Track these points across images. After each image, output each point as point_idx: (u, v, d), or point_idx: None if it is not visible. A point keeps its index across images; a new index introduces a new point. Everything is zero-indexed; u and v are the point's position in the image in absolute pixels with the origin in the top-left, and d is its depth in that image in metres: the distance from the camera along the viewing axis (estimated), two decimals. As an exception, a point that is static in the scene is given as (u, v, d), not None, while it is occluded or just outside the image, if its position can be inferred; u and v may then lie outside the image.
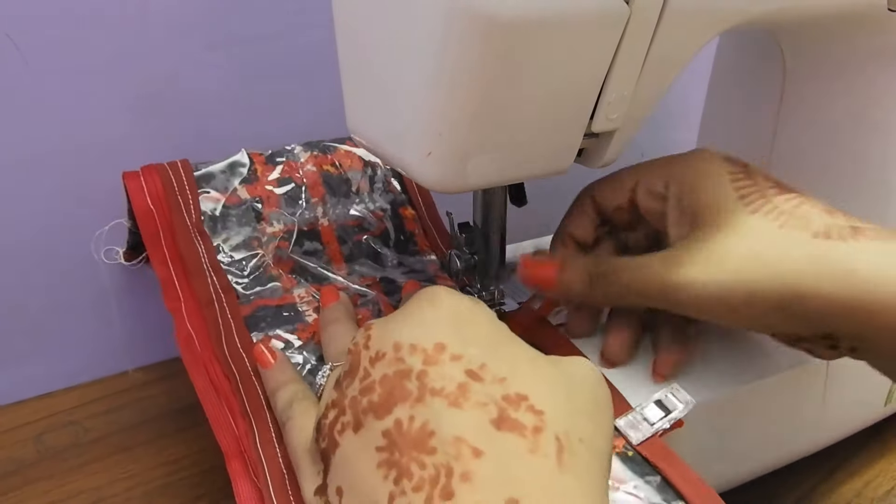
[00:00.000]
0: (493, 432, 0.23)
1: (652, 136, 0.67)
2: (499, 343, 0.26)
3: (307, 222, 0.43)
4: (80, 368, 0.49)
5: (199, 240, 0.40)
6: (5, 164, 0.44)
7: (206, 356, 0.36)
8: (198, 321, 0.38)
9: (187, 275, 0.39)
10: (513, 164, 0.31)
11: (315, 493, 0.27)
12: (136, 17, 0.45)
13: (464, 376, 0.25)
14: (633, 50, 0.29)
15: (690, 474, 0.30)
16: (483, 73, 0.27)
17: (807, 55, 0.44)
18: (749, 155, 0.49)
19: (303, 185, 0.43)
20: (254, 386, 0.34)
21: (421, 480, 0.23)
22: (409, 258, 0.44)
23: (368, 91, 0.32)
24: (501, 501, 0.22)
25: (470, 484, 0.22)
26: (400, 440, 0.24)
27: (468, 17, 0.25)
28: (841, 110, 0.43)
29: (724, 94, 0.51)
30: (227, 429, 0.33)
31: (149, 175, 0.42)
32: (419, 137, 0.29)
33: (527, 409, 0.24)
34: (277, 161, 0.44)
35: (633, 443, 0.32)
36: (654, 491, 0.30)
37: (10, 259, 0.45)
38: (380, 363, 0.26)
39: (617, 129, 0.32)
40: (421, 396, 0.24)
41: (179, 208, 0.41)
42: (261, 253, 0.41)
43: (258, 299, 0.39)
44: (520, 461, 0.23)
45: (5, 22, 0.41)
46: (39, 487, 0.40)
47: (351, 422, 0.26)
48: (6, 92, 0.43)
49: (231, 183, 0.42)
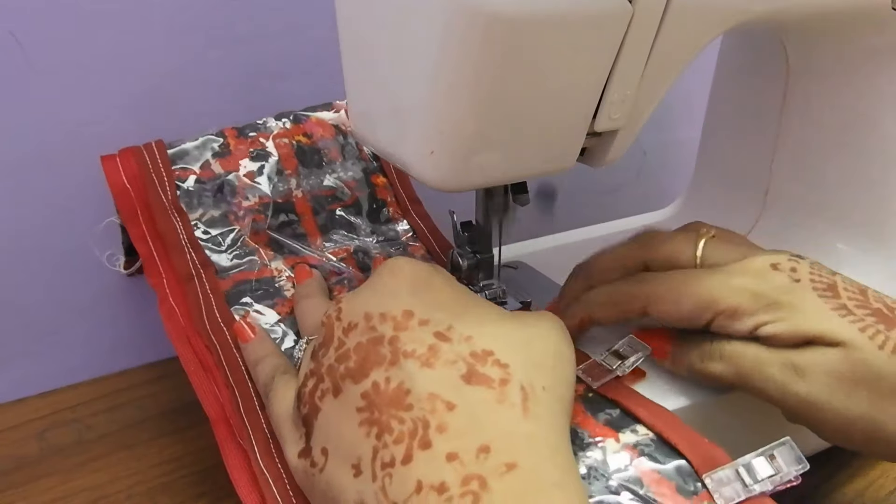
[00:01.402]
0: (463, 387, 0.26)
1: (655, 136, 0.67)
2: (462, 305, 0.29)
3: (281, 195, 0.43)
4: (83, 366, 0.49)
5: (176, 217, 0.41)
6: (8, 160, 0.44)
7: (189, 329, 0.37)
8: (179, 296, 0.39)
9: (167, 251, 0.40)
10: (515, 163, 0.31)
11: (299, 456, 0.29)
12: (139, 15, 0.45)
13: (433, 338, 0.27)
14: (636, 49, 0.29)
15: (648, 402, 0.32)
16: (485, 72, 0.27)
17: (810, 53, 0.43)
18: (752, 153, 0.49)
19: (276, 157, 0.44)
20: (235, 358, 0.36)
21: (401, 434, 0.25)
22: (381, 227, 0.45)
23: (371, 89, 0.32)
24: (474, 448, 0.24)
25: (445, 434, 0.25)
26: (378, 400, 0.26)
27: (471, 15, 0.25)
28: (844, 108, 0.43)
29: (727, 93, 0.51)
30: (211, 396, 0.35)
31: (125, 156, 0.43)
32: (421, 136, 0.29)
33: (493, 363, 0.27)
34: (249, 135, 0.44)
35: (594, 387, 0.34)
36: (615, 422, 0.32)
37: (13, 257, 0.46)
38: (353, 333, 0.28)
39: (620, 129, 0.32)
40: (395, 360, 0.27)
41: (155, 186, 0.41)
42: (237, 228, 0.42)
43: (237, 273, 0.40)
44: (489, 411, 0.25)
45: (9, 19, 0.41)
46: (42, 485, 0.40)
47: (330, 388, 0.28)
48: (10, 89, 0.43)
49: (204, 156, 0.43)
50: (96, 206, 0.46)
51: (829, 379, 0.30)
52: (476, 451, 0.24)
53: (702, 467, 0.29)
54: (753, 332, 0.32)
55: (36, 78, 0.43)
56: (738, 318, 0.32)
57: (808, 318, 0.31)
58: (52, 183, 0.45)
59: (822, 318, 0.31)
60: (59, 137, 0.45)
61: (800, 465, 0.28)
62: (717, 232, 0.36)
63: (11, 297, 0.46)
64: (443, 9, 0.26)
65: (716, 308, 0.32)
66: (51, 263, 0.47)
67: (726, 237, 0.36)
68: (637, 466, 0.30)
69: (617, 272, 0.37)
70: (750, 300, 0.32)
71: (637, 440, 0.31)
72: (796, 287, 0.32)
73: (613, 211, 0.58)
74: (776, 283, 0.32)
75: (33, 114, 0.44)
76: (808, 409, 0.31)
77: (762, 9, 0.33)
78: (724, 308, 0.32)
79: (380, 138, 0.32)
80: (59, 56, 0.43)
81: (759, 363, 0.32)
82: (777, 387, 0.31)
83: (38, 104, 0.44)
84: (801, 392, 0.31)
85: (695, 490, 0.29)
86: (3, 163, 0.44)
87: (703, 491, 0.29)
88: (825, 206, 0.46)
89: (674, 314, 0.34)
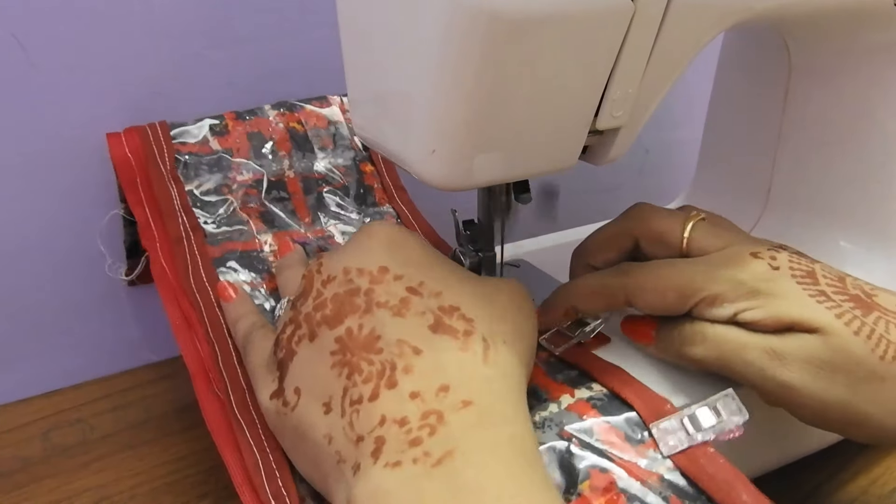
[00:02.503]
0: (430, 335, 0.28)
1: (657, 133, 0.67)
2: (433, 264, 0.31)
3: (274, 173, 0.46)
4: (87, 366, 0.49)
5: (172, 185, 0.43)
6: (11, 162, 0.44)
7: (177, 288, 0.40)
8: (169, 257, 0.41)
9: (162, 216, 0.42)
10: (517, 162, 0.31)
11: (271, 398, 0.31)
12: (140, 16, 0.45)
13: (405, 292, 0.29)
14: (637, 46, 0.29)
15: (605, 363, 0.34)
16: (487, 70, 0.27)
17: (812, 51, 0.43)
18: (754, 151, 0.49)
19: (271, 139, 0.46)
20: (217, 315, 0.38)
21: (370, 374, 0.27)
22: (368, 209, 0.47)
23: (373, 89, 0.32)
24: (435, 387, 0.27)
25: (410, 375, 0.27)
26: (351, 344, 0.28)
27: (472, 14, 0.25)
28: (846, 106, 0.43)
29: (729, 91, 0.50)
30: (192, 352, 0.37)
31: (129, 132, 0.45)
32: (423, 135, 0.29)
33: (459, 317, 0.29)
34: (247, 118, 0.47)
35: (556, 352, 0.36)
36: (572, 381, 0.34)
37: (16, 257, 0.46)
38: (331, 284, 0.30)
39: (622, 127, 0.32)
40: (368, 308, 0.29)
41: (154, 157, 0.44)
42: (231, 199, 0.44)
43: (227, 241, 0.42)
44: (452, 356, 0.28)
45: (10, 21, 0.41)
46: (45, 485, 0.41)
47: (306, 333, 0.30)
48: (12, 91, 0.43)
49: (203, 134, 0.45)
50: (99, 207, 0.46)
51: (808, 365, 0.31)
52: (437, 390, 0.26)
53: (649, 417, 0.31)
54: (733, 318, 0.32)
55: (38, 79, 0.43)
56: (719, 305, 0.33)
57: (787, 305, 0.32)
58: (55, 184, 0.45)
59: (801, 305, 0.31)
60: (61, 138, 0.45)
61: (741, 415, 0.30)
62: (707, 216, 0.37)
63: (14, 297, 0.46)
64: (444, 7, 0.26)
65: (697, 297, 0.33)
66: (54, 263, 0.47)
67: (715, 221, 0.37)
68: (588, 418, 0.31)
69: (612, 250, 0.39)
70: (730, 288, 0.33)
71: (591, 395, 0.32)
72: (775, 275, 0.33)
73: (615, 209, 0.58)
74: (756, 272, 0.33)
75: (36, 115, 0.44)
76: (788, 393, 0.32)
77: (764, 6, 0.33)
78: (706, 296, 0.33)
79: (381, 137, 0.32)
80: (61, 57, 0.43)
81: (739, 347, 0.32)
82: (757, 371, 0.32)
83: (41, 105, 0.44)
84: (781, 377, 0.31)
85: (641, 439, 0.30)
86: (5, 163, 0.44)
87: (650, 440, 0.30)
88: (827, 203, 0.46)
89: (657, 304, 0.34)
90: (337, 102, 0.49)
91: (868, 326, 0.31)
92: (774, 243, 0.35)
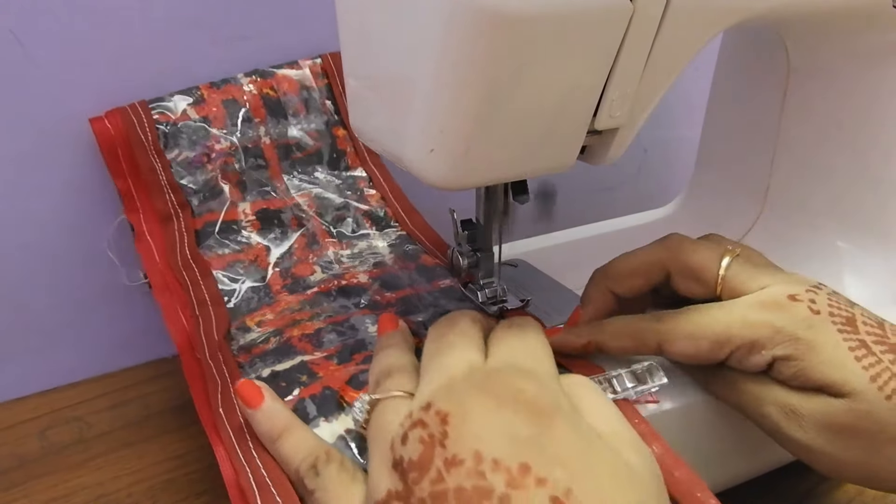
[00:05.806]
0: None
1: (655, 133, 0.67)
2: (584, 458, 0.25)
3: (251, 140, 0.47)
4: (84, 364, 0.49)
5: (155, 157, 0.44)
6: (10, 159, 0.44)
7: (163, 265, 0.42)
8: (158, 235, 0.43)
9: (147, 189, 0.44)
10: (516, 161, 0.31)
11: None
12: (141, 12, 0.45)
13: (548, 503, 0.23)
14: (636, 47, 0.29)
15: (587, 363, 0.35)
16: (486, 70, 0.27)
17: (811, 51, 0.43)
18: (753, 151, 0.49)
19: (246, 106, 0.47)
20: (201, 289, 0.40)
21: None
22: (341, 173, 0.49)
23: (371, 87, 0.32)
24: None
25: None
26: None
27: (472, 13, 0.25)
28: (844, 107, 0.43)
29: (727, 91, 0.51)
30: (177, 323, 0.39)
31: (110, 113, 0.46)
32: (422, 134, 0.29)
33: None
34: (221, 87, 0.48)
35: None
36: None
37: (14, 256, 0.46)
38: (456, 470, 0.24)
39: (620, 127, 0.32)
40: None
41: (135, 127, 0.45)
42: (210, 168, 0.45)
43: (207, 213, 0.44)
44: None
45: (8, 17, 0.41)
46: (43, 483, 0.41)
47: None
48: (11, 86, 0.43)
49: (181, 106, 0.46)
50: (97, 204, 0.46)
51: (825, 430, 0.30)
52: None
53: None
54: (770, 365, 0.32)
55: (36, 75, 0.43)
56: (756, 352, 0.32)
57: (824, 363, 0.30)
58: (53, 181, 0.45)
59: (839, 364, 0.30)
60: (60, 134, 0.45)
61: (660, 380, 0.33)
62: (741, 250, 0.35)
63: (12, 295, 0.46)
64: (444, 7, 0.26)
65: (732, 345, 0.32)
66: (52, 261, 0.47)
67: (749, 255, 0.36)
68: None
69: (640, 278, 0.36)
70: (768, 334, 0.31)
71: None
72: (816, 321, 0.31)
73: (613, 209, 0.58)
74: (796, 317, 0.31)
75: (34, 111, 0.44)
76: (802, 451, 0.31)
77: (762, 7, 0.33)
78: (741, 344, 0.32)
79: (380, 136, 0.32)
80: (60, 53, 0.43)
81: (756, 401, 0.32)
82: (772, 425, 0.32)
83: (39, 101, 0.44)
84: (796, 437, 0.31)
85: None
86: (4, 160, 0.44)
87: None
88: (825, 203, 0.46)
89: (691, 353, 0.33)
90: (308, 65, 0.50)
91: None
92: (811, 281, 0.33)
